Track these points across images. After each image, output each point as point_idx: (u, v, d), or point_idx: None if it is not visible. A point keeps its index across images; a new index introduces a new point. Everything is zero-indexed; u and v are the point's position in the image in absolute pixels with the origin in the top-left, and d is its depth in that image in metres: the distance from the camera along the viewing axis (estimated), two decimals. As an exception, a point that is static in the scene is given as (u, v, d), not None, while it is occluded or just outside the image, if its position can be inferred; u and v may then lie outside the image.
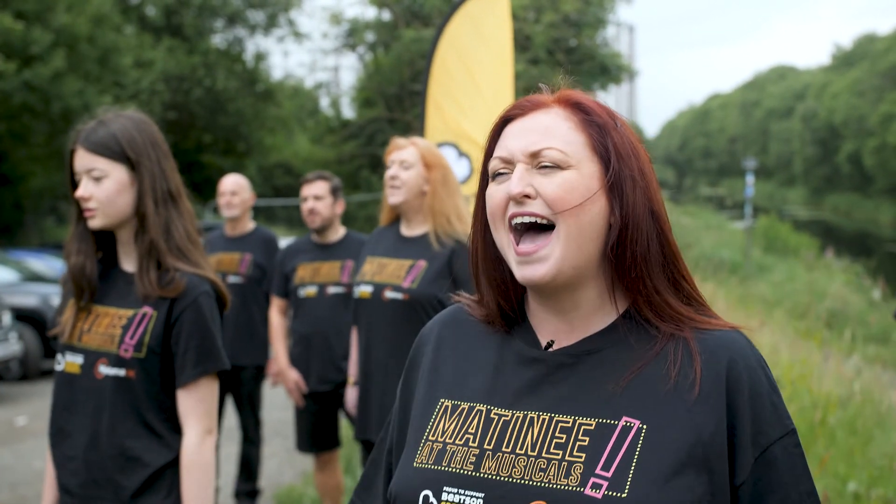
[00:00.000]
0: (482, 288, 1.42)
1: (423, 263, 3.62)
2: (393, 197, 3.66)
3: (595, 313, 1.35)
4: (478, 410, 1.35)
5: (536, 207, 1.29)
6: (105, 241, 2.51)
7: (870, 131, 53.18)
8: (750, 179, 27.02)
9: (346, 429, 6.83)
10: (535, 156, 1.30)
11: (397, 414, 1.49)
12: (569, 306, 1.35)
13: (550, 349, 1.36)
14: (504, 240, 1.33)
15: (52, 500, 2.50)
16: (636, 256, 1.30)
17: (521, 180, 1.29)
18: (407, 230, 3.76)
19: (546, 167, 1.29)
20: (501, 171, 1.33)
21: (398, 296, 3.60)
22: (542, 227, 1.31)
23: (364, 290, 3.71)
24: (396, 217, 3.84)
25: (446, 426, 1.36)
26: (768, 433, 1.28)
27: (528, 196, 1.29)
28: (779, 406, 1.30)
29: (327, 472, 5.12)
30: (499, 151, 1.35)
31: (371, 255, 3.79)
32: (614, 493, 1.21)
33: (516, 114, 1.35)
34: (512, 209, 1.31)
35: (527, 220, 1.30)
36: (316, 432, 4.97)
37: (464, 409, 1.37)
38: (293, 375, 4.95)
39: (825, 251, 25.84)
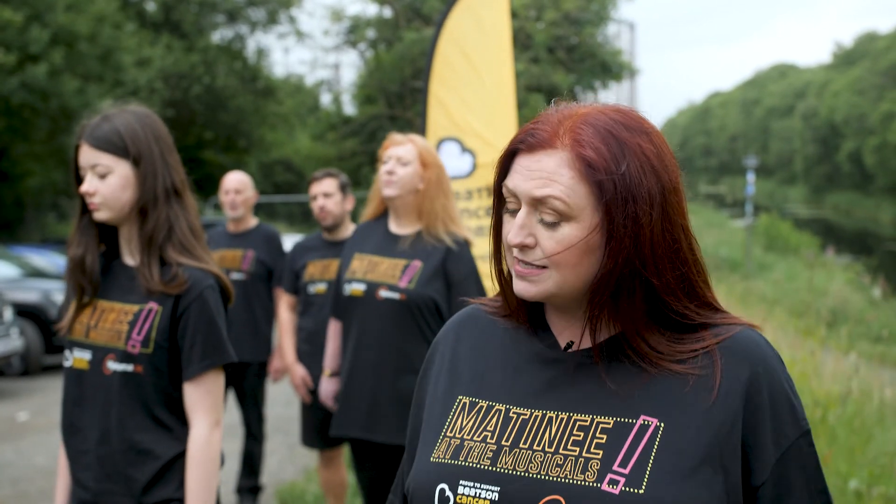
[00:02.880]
0: (506, 291, 1.44)
1: (418, 264, 3.60)
2: (388, 189, 3.63)
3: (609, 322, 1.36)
4: (497, 409, 1.37)
5: (534, 258, 1.32)
6: (108, 235, 2.51)
7: (870, 130, 53.18)
8: (750, 178, 27.05)
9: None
10: (538, 201, 1.30)
11: (414, 416, 1.51)
12: (581, 316, 1.37)
13: (570, 350, 1.38)
14: (510, 260, 1.37)
15: (64, 494, 2.51)
16: (607, 303, 1.31)
17: (522, 229, 1.31)
18: (396, 227, 3.73)
19: (548, 221, 1.30)
20: (511, 203, 1.35)
21: (394, 295, 3.58)
22: None
23: (356, 288, 3.68)
24: (383, 212, 3.82)
25: (464, 423, 1.38)
26: (787, 434, 1.30)
27: (527, 245, 1.31)
28: (796, 407, 1.32)
29: (332, 468, 5.13)
30: (508, 181, 1.35)
31: (359, 251, 3.75)
32: (632, 490, 1.23)
33: (522, 149, 1.34)
34: (514, 251, 1.34)
35: (525, 266, 1.33)
36: (322, 428, 4.97)
37: (482, 406, 1.38)
38: (300, 371, 4.96)
39: (826, 250, 25.85)
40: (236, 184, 5.61)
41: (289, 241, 5.35)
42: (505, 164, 1.37)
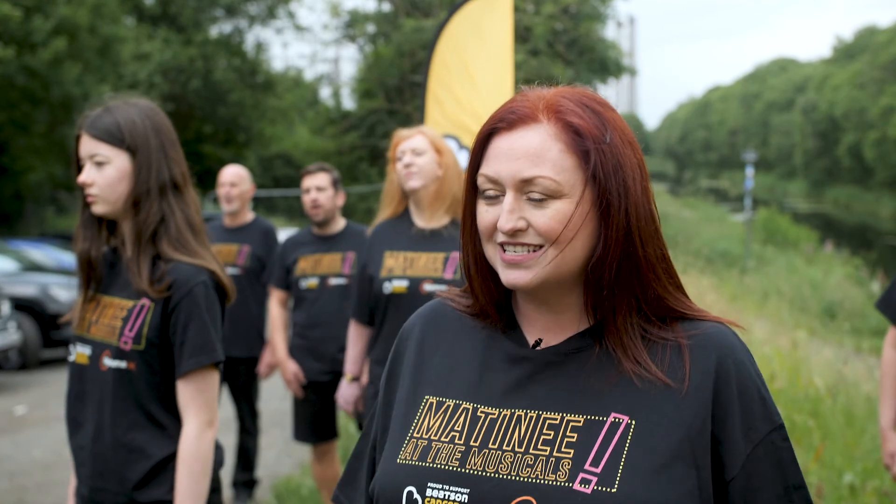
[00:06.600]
0: (475, 288, 1.41)
1: (458, 255, 3.60)
2: (411, 181, 3.62)
3: (584, 313, 1.34)
4: (464, 408, 1.34)
5: (528, 239, 1.28)
6: (115, 230, 2.50)
7: (870, 124, 53.13)
8: (750, 172, 27.05)
9: (343, 420, 6.86)
10: (526, 182, 1.26)
11: (381, 408, 1.47)
12: (558, 308, 1.34)
13: (538, 347, 1.35)
14: (492, 252, 1.32)
15: (73, 488, 2.51)
16: (607, 279, 1.28)
17: (512, 214, 1.27)
18: (423, 222, 3.72)
19: (537, 199, 1.26)
20: (489, 191, 1.30)
21: (442, 288, 3.55)
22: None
23: (398, 285, 3.64)
24: (403, 209, 3.82)
25: (431, 423, 1.35)
26: (759, 428, 1.28)
27: (520, 230, 1.27)
28: (767, 401, 1.31)
29: (325, 462, 5.14)
30: (486, 169, 1.30)
31: (389, 249, 3.72)
32: (604, 489, 1.21)
33: (502, 127, 1.29)
34: (502, 239, 1.29)
35: (518, 250, 1.28)
36: (315, 422, 4.98)
37: (449, 406, 1.36)
38: (291, 367, 4.96)
39: (825, 244, 25.89)
40: (232, 177, 5.60)
41: (287, 236, 5.35)
42: (479, 152, 1.32)
